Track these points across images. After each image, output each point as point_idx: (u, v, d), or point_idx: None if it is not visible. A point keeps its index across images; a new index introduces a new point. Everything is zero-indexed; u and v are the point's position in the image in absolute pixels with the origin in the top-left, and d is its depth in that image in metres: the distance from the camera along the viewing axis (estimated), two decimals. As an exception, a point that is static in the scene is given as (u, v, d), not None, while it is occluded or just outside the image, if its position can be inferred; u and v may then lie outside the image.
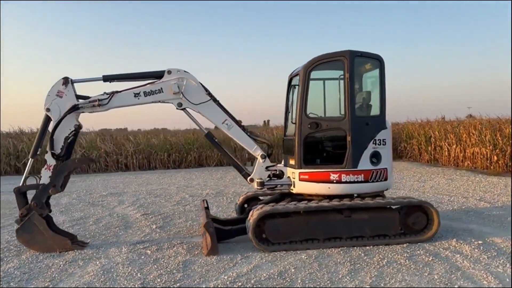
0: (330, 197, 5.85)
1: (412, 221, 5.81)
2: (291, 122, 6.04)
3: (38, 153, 6.01)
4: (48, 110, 5.93)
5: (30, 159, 6.02)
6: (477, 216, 7.35)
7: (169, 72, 6.09)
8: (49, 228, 5.97)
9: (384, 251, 5.37)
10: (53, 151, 5.92)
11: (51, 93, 5.95)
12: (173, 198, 10.40)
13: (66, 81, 5.98)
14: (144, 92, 6.06)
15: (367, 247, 5.53)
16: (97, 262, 5.31)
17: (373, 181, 5.81)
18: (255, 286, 4.28)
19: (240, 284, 4.36)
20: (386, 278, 4.43)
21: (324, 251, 5.43)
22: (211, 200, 9.83)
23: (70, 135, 6.02)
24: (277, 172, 6.33)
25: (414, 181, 12.21)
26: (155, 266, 5.08)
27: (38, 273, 5.01)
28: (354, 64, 5.72)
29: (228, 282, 4.41)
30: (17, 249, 6.03)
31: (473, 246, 5.44)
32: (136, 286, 4.44)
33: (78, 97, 6.06)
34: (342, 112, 5.85)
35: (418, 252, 5.28)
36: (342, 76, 5.81)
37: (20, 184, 5.92)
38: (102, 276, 4.77)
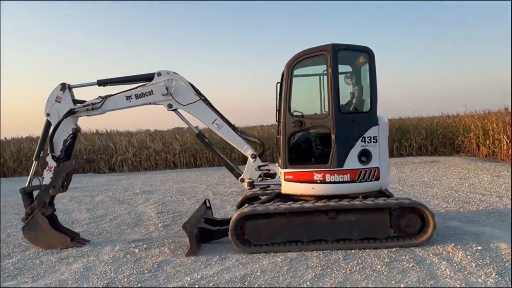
0: (321, 198, 5.63)
1: (405, 224, 5.43)
2: (275, 120, 5.88)
3: (40, 155, 6.40)
4: (48, 115, 6.29)
5: (34, 161, 6.42)
6: (498, 218, 6.69)
7: (159, 74, 6.19)
8: (53, 226, 6.34)
9: (367, 255, 5.07)
10: (53, 154, 6.27)
11: (50, 98, 6.30)
12: (196, 196, 10.58)
13: (63, 86, 6.30)
14: (135, 94, 6.22)
15: (352, 251, 5.25)
16: (85, 260, 5.54)
17: (361, 181, 5.50)
18: (210, 289, 4.24)
19: (196, 286, 4.33)
20: (348, 285, 4.18)
21: (305, 253, 5.24)
22: (234, 198, 9.87)
23: (68, 138, 6.33)
24: (270, 172, 6.22)
25: (456, 179, 11.38)
26: (132, 265, 5.20)
27: (28, 269, 5.33)
28: (337, 58, 5.44)
29: (187, 284, 4.40)
30: (26, 245, 6.45)
31: (468, 252, 4.97)
32: (101, 285, 4.57)
33: (76, 101, 6.35)
34: (327, 110, 5.60)
35: (403, 257, 4.92)
36: (325, 72, 5.56)
37: (26, 185, 6.32)
38: (80, 274, 4.97)
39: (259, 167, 6.17)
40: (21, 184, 6.61)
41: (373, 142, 5.57)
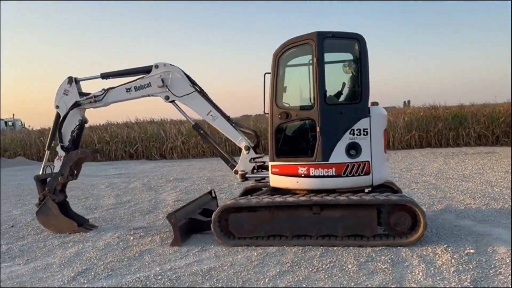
0: (312, 192, 5.45)
1: (394, 222, 5.12)
2: (263, 112, 5.75)
3: (52, 145, 6.80)
4: (57, 107, 6.65)
5: (46, 150, 6.84)
6: (518, 218, 6.09)
7: (156, 66, 6.29)
8: (64, 211, 6.74)
9: (347, 253, 4.85)
10: (62, 144, 6.63)
11: (59, 91, 6.65)
12: (222, 185, 10.69)
13: (70, 80, 6.61)
14: (134, 87, 6.38)
15: (335, 248, 5.05)
16: (81, 245, 5.84)
17: (347, 176, 5.25)
18: (151, 286, 4.30)
19: (160, 278, 4.41)
20: (304, 284, 4.03)
21: (285, 249, 5.12)
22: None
23: (75, 129, 6.66)
24: (264, 164, 6.12)
25: (501, 173, 10.46)
26: (118, 253, 5.39)
27: (30, 251, 5.73)
28: (323, 46, 5.19)
29: (152, 275, 4.49)
30: (42, 230, 6.88)
31: (456, 256, 4.57)
32: (80, 270, 4.80)
33: (83, 94, 6.65)
34: (313, 101, 5.38)
35: (383, 257, 4.64)
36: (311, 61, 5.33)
37: (40, 173, 6.76)
38: (67, 259, 5.25)
39: (253, 159, 6.10)
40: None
41: (363, 134, 5.28)
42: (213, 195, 7.30)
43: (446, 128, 18.98)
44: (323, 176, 5.26)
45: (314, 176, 5.28)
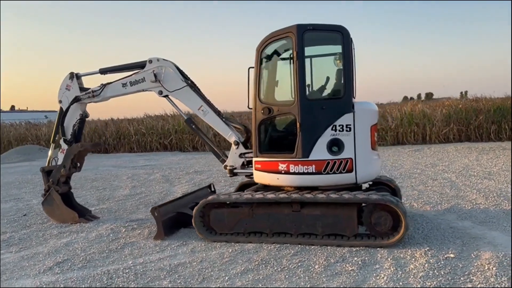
0: (300, 189, 5.33)
1: (374, 222, 4.91)
2: (247, 107, 5.66)
3: (56, 138, 7.06)
4: (60, 102, 6.89)
5: (51, 143, 7.12)
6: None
7: (150, 61, 6.37)
8: (68, 202, 7.00)
9: (321, 252, 4.72)
10: (64, 137, 6.88)
11: (62, 87, 6.89)
12: (236, 179, 10.66)
13: (72, 75, 6.84)
14: (130, 82, 6.50)
15: (312, 247, 4.93)
16: (75, 236, 6.05)
17: (328, 173, 5.08)
18: (115, 280, 4.37)
19: (127, 271, 4.48)
20: (260, 284, 3.96)
21: (262, 246, 5.06)
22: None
23: (76, 123, 6.88)
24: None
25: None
26: (104, 244, 5.53)
27: (27, 240, 6.00)
28: (303, 40, 5.02)
29: (122, 268, 4.58)
30: (49, 219, 7.21)
31: (433, 260, 4.32)
32: (60, 260, 4.98)
33: (84, 89, 6.85)
34: (294, 96, 5.23)
35: (355, 258, 4.47)
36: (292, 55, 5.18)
37: (46, 165, 7.06)
38: (55, 249, 5.45)
39: (242, 154, 6.05)
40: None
41: (346, 131, 5.09)
42: (212, 189, 7.32)
43: (487, 122, 17.95)
44: (303, 173, 5.13)
45: (294, 173, 5.16)
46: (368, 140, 5.22)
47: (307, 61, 5.30)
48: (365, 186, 6.32)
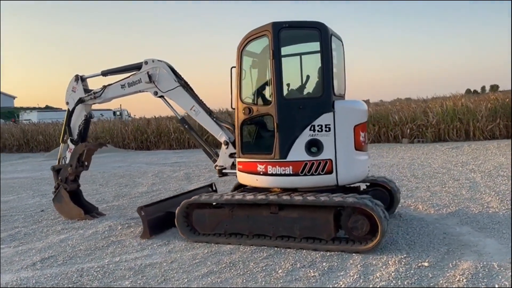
0: (286, 190, 5.23)
1: (351, 226, 4.71)
2: (231, 107, 5.59)
3: (65, 138, 7.38)
4: (67, 103, 7.19)
5: (61, 143, 7.45)
6: (527, 227, 5.20)
7: (146, 62, 6.49)
8: (76, 200, 7.31)
9: (292, 256, 4.60)
10: (71, 137, 7.18)
11: (68, 88, 7.18)
12: (253, 177, 10.64)
13: (77, 78, 7.11)
14: (128, 83, 6.66)
15: (287, 250, 4.82)
16: (74, 232, 6.30)
17: (306, 174, 4.93)
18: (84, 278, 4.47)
19: (98, 270, 4.60)
20: (218, 285, 3.93)
21: (239, 248, 5.02)
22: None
23: (81, 124, 7.15)
24: (244, 159, 6.00)
25: None
26: (94, 241, 5.72)
27: (31, 235, 6.32)
28: (279, 38, 4.90)
29: (96, 266, 4.71)
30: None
31: (404, 268, 4.08)
32: (47, 256, 5.21)
33: (88, 91, 7.10)
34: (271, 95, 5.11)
35: (323, 264, 4.32)
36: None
37: (56, 163, 7.40)
38: (49, 245, 5.70)
39: (232, 154, 6.02)
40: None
41: (325, 131, 4.91)
42: (214, 188, 7.34)
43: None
44: (281, 175, 5.02)
45: (272, 175, 5.06)
46: (351, 140, 5.01)
47: (287, 59, 5.17)
48: (363, 187, 6.13)
